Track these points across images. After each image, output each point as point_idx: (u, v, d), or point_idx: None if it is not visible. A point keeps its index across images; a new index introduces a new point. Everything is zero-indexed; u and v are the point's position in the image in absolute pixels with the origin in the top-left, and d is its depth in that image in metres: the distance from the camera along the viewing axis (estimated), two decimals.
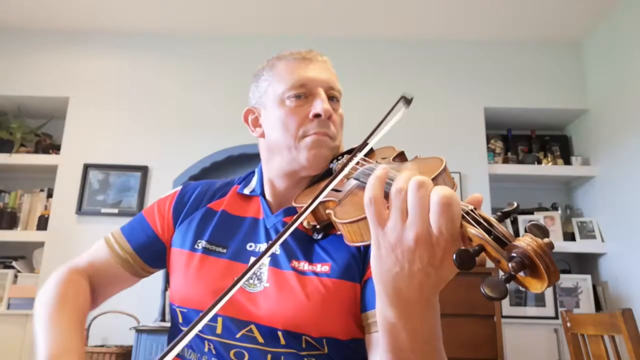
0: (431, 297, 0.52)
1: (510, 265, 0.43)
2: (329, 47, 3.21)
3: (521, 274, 0.43)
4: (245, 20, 3.19)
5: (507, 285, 0.42)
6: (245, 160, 3.02)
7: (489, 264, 2.76)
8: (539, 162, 3.16)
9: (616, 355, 1.70)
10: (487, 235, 0.46)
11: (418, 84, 3.22)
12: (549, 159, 3.17)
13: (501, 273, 0.45)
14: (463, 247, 0.44)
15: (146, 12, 3.13)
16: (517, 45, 3.29)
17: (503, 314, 2.68)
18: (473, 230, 0.46)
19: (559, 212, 3.11)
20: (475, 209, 0.49)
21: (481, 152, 3.08)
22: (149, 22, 3.22)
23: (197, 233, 0.90)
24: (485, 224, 0.47)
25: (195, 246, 0.88)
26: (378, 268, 0.51)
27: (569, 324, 1.93)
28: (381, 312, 0.55)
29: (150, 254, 0.93)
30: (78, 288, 0.89)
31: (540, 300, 2.79)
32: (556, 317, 2.72)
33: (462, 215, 0.48)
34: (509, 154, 3.25)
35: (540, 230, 0.46)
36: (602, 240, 2.93)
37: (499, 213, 0.49)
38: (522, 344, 2.69)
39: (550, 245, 0.43)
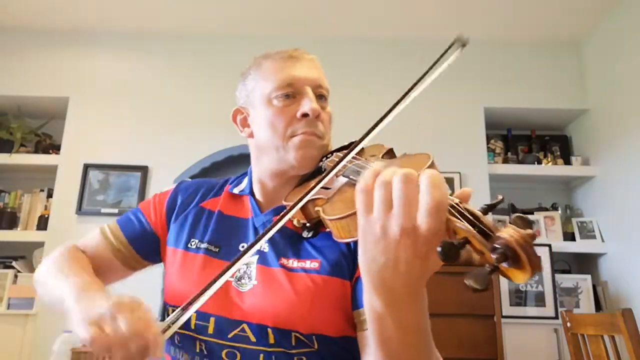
0: (417, 287, 0.53)
1: (493, 256, 0.43)
2: (328, 46, 3.22)
3: (504, 264, 0.43)
4: (246, 20, 3.18)
5: (491, 276, 0.43)
6: (245, 160, 2.98)
7: None
8: (539, 162, 3.16)
9: (616, 355, 1.70)
10: (471, 228, 0.46)
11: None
12: (549, 159, 3.16)
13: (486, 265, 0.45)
14: (447, 240, 0.44)
15: (147, 12, 3.13)
16: (517, 45, 3.28)
17: (503, 314, 2.68)
18: (458, 224, 0.47)
19: (559, 212, 3.10)
20: (460, 202, 0.50)
21: (481, 152, 3.08)
22: (150, 22, 3.22)
23: (190, 232, 0.90)
24: (470, 217, 0.47)
25: (189, 245, 0.88)
26: (364, 258, 0.52)
27: (569, 324, 1.94)
28: (368, 302, 0.56)
29: (143, 245, 0.93)
30: (82, 257, 0.90)
31: (540, 300, 2.78)
32: (556, 317, 2.72)
33: (448, 209, 0.48)
34: (509, 154, 3.24)
35: (524, 222, 0.46)
36: (602, 240, 2.93)
37: (483, 205, 0.49)
38: (522, 344, 2.68)
39: (533, 236, 0.44)
